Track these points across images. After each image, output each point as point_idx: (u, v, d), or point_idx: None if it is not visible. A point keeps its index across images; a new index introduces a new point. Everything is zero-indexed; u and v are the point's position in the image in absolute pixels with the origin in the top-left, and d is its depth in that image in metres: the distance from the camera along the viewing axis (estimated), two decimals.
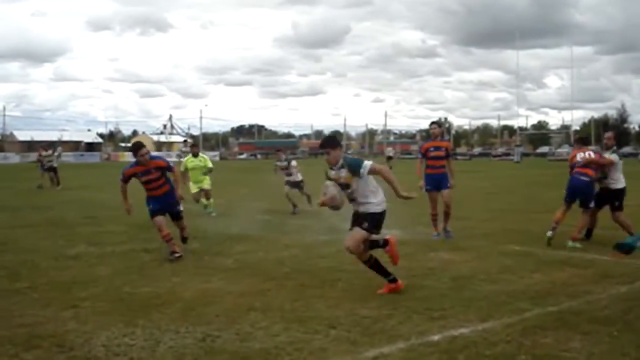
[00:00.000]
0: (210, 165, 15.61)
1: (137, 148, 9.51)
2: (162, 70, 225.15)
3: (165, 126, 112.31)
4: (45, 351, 5.32)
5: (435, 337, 5.56)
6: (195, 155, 15.53)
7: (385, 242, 7.38)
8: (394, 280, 7.25)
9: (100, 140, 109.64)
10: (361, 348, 5.31)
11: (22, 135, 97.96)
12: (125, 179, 9.50)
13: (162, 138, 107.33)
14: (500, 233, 11.98)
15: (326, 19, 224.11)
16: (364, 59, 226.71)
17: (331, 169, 7.28)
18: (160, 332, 5.79)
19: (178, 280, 8.00)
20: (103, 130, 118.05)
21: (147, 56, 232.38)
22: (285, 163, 16.15)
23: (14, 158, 75.36)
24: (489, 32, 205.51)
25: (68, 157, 74.48)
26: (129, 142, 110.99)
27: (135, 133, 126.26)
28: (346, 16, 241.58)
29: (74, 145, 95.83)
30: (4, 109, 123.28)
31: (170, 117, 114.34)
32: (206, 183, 15.38)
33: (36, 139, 79.79)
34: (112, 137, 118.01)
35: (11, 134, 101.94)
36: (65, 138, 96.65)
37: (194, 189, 15.30)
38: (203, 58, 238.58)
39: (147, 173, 9.43)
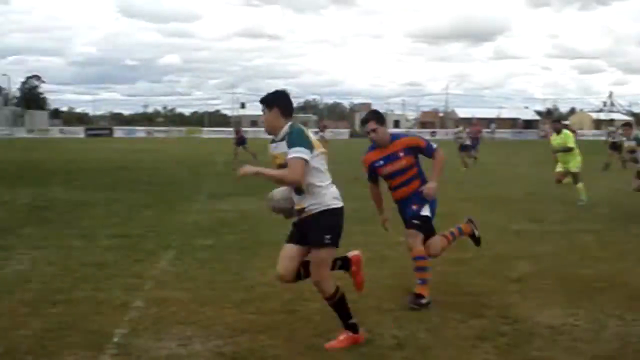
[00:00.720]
0: (570, 144, 13.73)
1: (363, 122, 6.49)
2: (603, 45, 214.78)
3: (605, 103, 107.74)
4: (490, 321, 5.61)
5: None
6: (559, 132, 14.19)
7: (346, 262, 5.34)
8: (355, 329, 4.99)
9: (537, 117, 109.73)
10: None
11: (462, 113, 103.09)
12: (372, 176, 6.51)
13: (602, 116, 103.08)
14: None
15: None
16: None
17: (273, 141, 4.97)
18: (604, 316, 5.70)
19: (622, 265, 7.75)
20: (540, 107, 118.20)
21: (587, 31, 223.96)
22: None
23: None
24: None
25: (505, 134, 77.02)
26: (566, 119, 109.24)
27: (572, 111, 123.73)
28: None
29: (511, 123, 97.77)
30: (447, 87, 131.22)
31: (611, 93, 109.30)
32: (573, 164, 13.76)
33: (476, 115, 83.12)
34: (549, 115, 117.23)
35: (452, 110, 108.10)
36: (503, 115, 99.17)
37: (558, 168, 14.12)
38: None
39: (392, 159, 6.30)
